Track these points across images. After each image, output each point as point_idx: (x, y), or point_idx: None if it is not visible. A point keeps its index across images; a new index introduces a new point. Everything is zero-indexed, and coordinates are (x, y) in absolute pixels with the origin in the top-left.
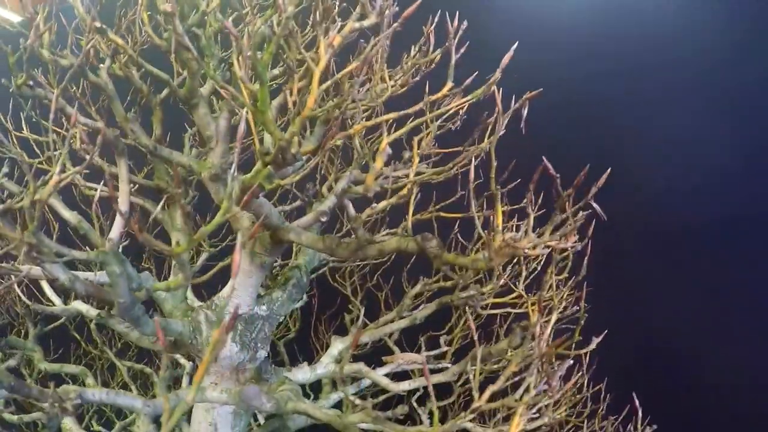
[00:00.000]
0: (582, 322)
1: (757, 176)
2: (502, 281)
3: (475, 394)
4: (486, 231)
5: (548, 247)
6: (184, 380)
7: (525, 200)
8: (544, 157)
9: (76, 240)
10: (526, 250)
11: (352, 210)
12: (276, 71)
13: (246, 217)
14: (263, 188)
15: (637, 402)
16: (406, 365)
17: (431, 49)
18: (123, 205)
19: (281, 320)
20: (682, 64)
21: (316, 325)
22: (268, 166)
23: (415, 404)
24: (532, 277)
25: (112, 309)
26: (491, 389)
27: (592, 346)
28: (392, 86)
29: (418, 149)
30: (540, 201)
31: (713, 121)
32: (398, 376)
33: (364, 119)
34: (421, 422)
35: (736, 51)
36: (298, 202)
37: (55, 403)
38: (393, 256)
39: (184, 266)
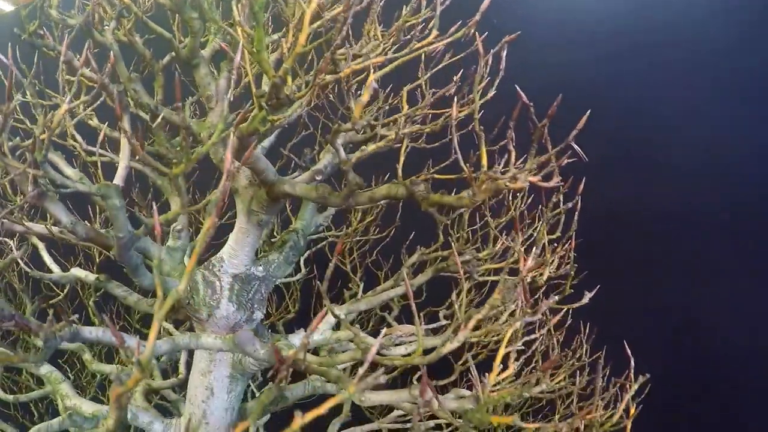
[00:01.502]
0: (572, 273)
1: None
2: (498, 245)
3: (462, 324)
4: (468, 165)
5: (529, 182)
6: (182, 358)
7: (506, 138)
8: (517, 86)
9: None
10: (507, 183)
11: (342, 153)
12: (275, 36)
13: (243, 176)
14: (259, 131)
15: (629, 350)
16: (404, 337)
17: (423, 6)
18: (123, 159)
19: (277, 283)
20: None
21: (316, 305)
22: (263, 111)
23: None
24: (529, 243)
25: (111, 272)
26: (476, 318)
27: (585, 300)
28: (383, 44)
29: (406, 97)
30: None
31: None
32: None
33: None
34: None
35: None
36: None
37: (52, 333)
38: (392, 232)
39: (181, 191)
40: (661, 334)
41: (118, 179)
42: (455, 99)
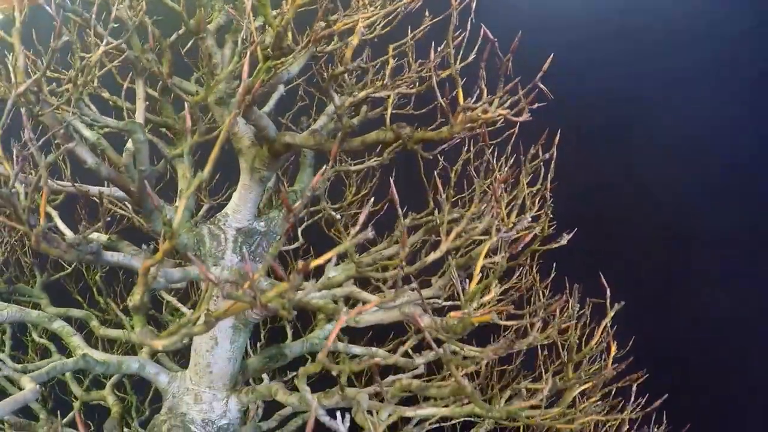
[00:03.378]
0: (549, 214)
1: None
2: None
3: (443, 237)
4: (446, 100)
5: (500, 114)
6: None
7: (479, 76)
8: (482, 24)
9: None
10: (480, 114)
11: (337, 99)
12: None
13: (246, 137)
14: (263, 82)
15: (604, 280)
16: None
17: None
18: (140, 117)
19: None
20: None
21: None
22: (268, 60)
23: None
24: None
25: (122, 234)
26: (456, 231)
27: (563, 242)
28: (374, 12)
29: (393, 52)
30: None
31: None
32: None
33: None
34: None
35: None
36: None
37: (83, 237)
38: (386, 206)
39: (197, 121)
40: (642, 295)
41: (139, 118)
42: (433, 46)
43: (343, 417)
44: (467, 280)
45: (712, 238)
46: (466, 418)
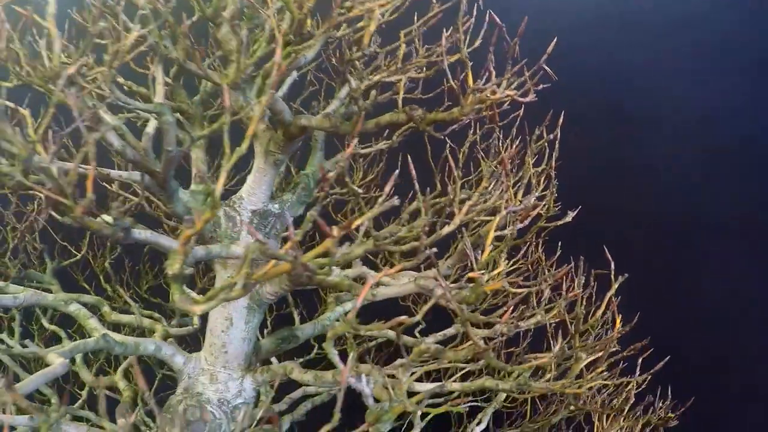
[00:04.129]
0: (554, 193)
1: None
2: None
3: (456, 211)
4: (456, 81)
5: (508, 94)
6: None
7: (487, 59)
8: (489, 10)
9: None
10: (489, 95)
11: (353, 82)
12: None
13: (261, 121)
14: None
15: (608, 254)
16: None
17: None
18: (159, 97)
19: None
20: None
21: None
22: (288, 46)
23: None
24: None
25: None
26: (468, 204)
27: (568, 218)
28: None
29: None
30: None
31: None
32: None
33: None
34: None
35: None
36: None
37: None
38: (393, 190)
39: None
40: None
41: (159, 98)
42: (444, 30)
43: (368, 380)
44: (480, 252)
45: (712, 219)
46: (473, 403)
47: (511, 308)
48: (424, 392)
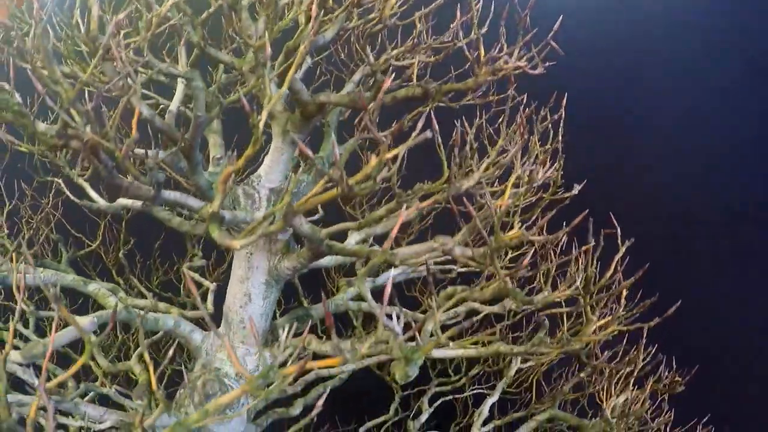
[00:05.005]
0: (561, 167)
1: None
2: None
3: (474, 169)
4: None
5: (518, 67)
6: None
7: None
8: None
9: None
10: (502, 64)
11: (371, 58)
12: None
13: (278, 102)
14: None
15: (614, 220)
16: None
17: None
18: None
19: None
20: None
21: None
22: (310, 21)
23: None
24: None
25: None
26: (487, 162)
27: (574, 191)
28: None
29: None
30: None
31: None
32: None
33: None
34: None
35: None
36: None
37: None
38: (402, 171)
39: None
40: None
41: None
42: (458, 5)
43: (398, 318)
44: (499, 207)
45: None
46: (479, 390)
47: (531, 253)
48: (444, 357)
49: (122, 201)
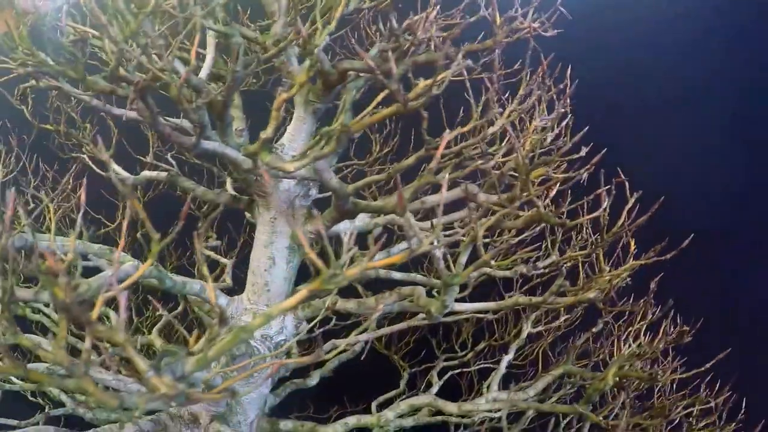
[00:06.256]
0: (569, 126)
1: None
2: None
3: (497, 117)
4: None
5: (533, 29)
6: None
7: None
8: None
9: None
10: (518, 24)
11: (394, 23)
12: None
13: (303, 71)
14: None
15: (622, 175)
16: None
17: None
18: (211, 42)
19: None
20: None
21: None
22: None
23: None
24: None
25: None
26: (509, 110)
27: (582, 153)
28: None
29: None
30: None
31: None
32: None
33: None
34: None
35: None
36: None
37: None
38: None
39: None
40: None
41: (211, 44)
42: None
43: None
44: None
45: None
46: (484, 366)
47: (557, 185)
48: (463, 310)
49: (146, 174)
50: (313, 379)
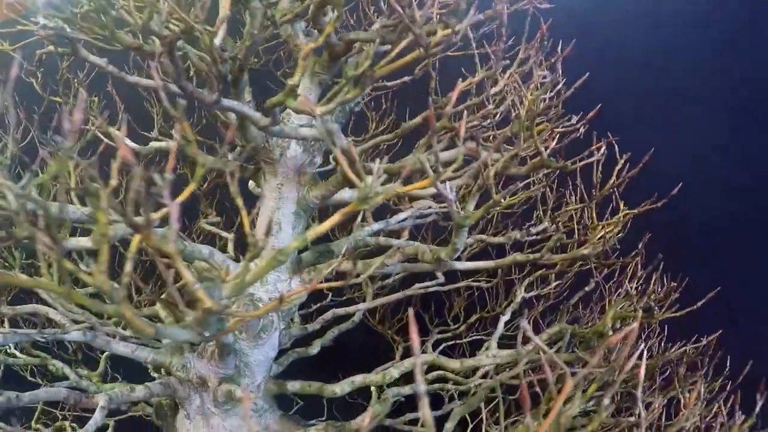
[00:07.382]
0: (563, 93)
1: None
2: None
3: (501, 78)
4: None
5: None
6: (230, 245)
7: None
8: None
9: None
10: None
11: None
12: None
13: (315, 40)
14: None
15: (613, 140)
16: (423, 210)
17: None
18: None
19: None
20: None
21: None
22: None
23: None
24: None
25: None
26: (510, 72)
27: (580, 130)
28: None
29: None
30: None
31: None
32: None
33: None
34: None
35: None
36: None
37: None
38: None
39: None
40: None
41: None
42: None
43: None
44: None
45: None
46: (476, 338)
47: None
48: (463, 269)
49: (155, 144)
50: (314, 348)
